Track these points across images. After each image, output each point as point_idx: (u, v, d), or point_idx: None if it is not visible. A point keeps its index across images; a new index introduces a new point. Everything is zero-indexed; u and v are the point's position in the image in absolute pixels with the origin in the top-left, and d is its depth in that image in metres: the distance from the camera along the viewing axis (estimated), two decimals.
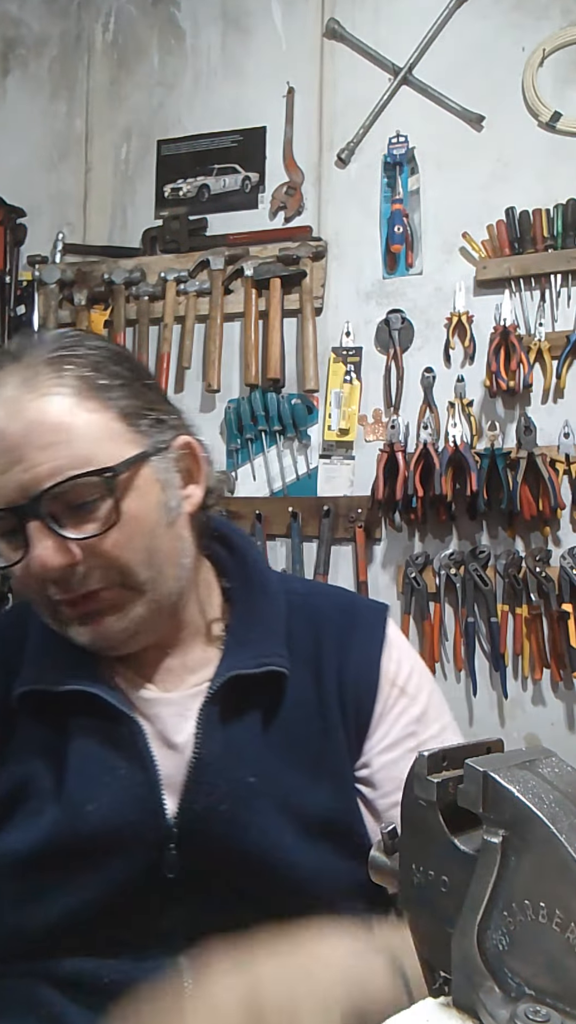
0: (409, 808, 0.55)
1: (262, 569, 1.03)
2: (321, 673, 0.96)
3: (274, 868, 0.89)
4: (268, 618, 0.97)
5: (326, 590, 1.21)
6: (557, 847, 0.46)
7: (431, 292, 2.53)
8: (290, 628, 0.97)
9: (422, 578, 2.44)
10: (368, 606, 1.07)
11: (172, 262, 2.76)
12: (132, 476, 0.87)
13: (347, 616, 1.02)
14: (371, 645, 1.00)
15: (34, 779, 0.90)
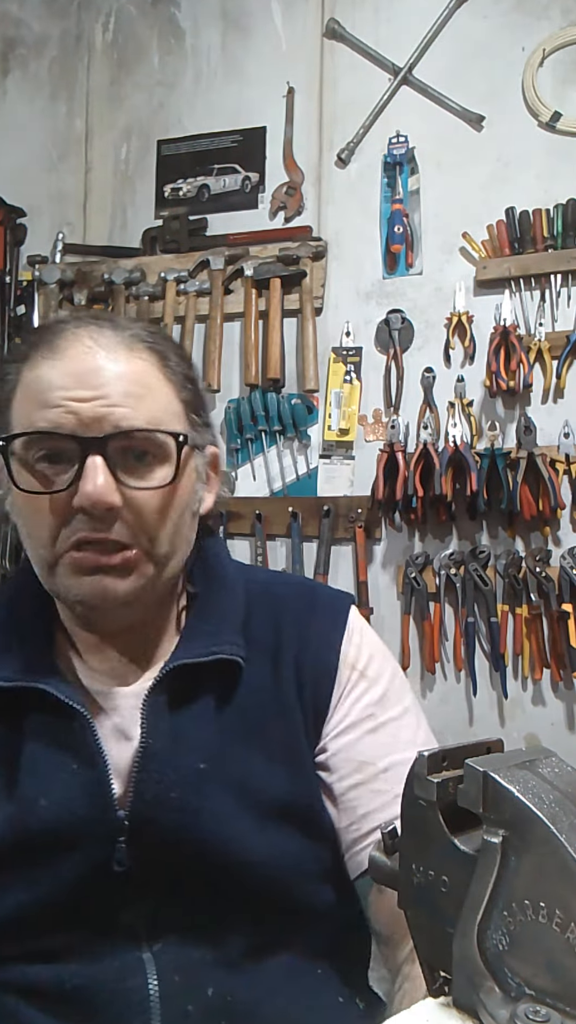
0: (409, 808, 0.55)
1: (223, 561, 1.04)
2: (279, 659, 0.97)
3: (229, 853, 0.89)
4: (224, 609, 0.98)
5: (287, 579, 1.22)
6: (557, 847, 0.46)
7: (431, 292, 2.53)
8: (248, 617, 0.98)
9: (422, 578, 2.44)
10: (330, 594, 1.07)
11: (172, 262, 2.76)
12: (187, 455, 0.91)
13: (307, 603, 1.02)
14: (331, 630, 1.00)
15: None
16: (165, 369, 0.91)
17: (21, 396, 0.89)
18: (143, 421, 0.87)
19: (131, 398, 0.87)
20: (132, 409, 0.86)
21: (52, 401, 0.86)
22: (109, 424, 0.85)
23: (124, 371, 0.88)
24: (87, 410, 0.85)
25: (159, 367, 0.91)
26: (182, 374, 0.93)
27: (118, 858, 0.88)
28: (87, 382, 0.86)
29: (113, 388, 0.86)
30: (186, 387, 0.93)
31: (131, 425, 0.86)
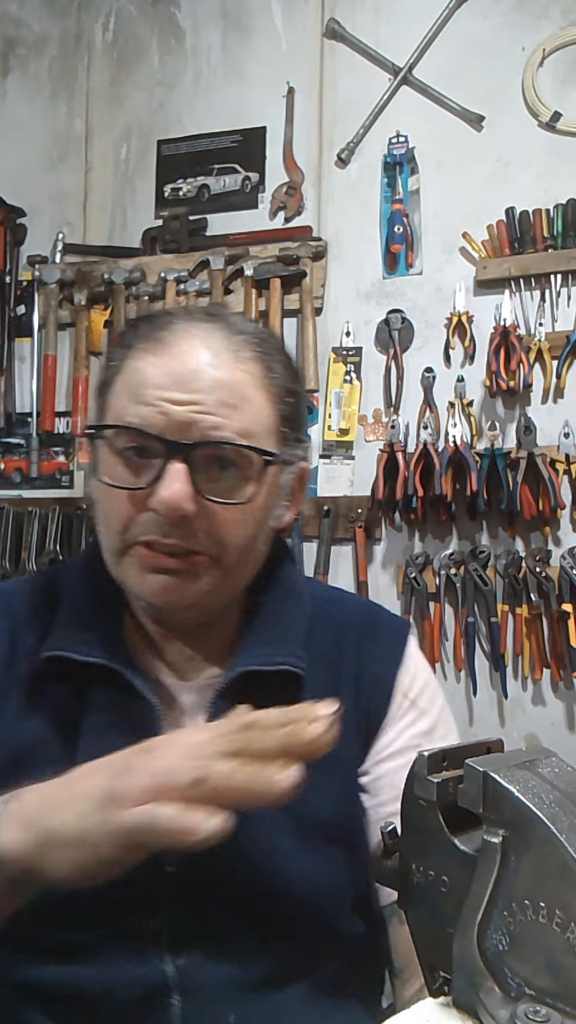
0: (409, 808, 0.55)
1: (290, 570, 1.03)
2: (339, 678, 0.96)
3: (271, 870, 0.88)
4: (290, 618, 0.97)
5: (348, 598, 1.21)
6: (557, 847, 0.46)
7: (431, 292, 2.53)
8: (311, 631, 0.97)
9: (422, 578, 2.44)
10: (390, 619, 1.08)
11: (172, 262, 2.76)
12: (273, 472, 0.90)
13: (368, 625, 1.02)
14: (390, 657, 1.00)
15: (42, 746, 0.89)
16: (267, 380, 0.90)
17: (120, 385, 0.89)
18: (234, 433, 0.85)
19: (226, 408, 0.85)
20: (225, 419, 0.85)
21: (146, 397, 0.85)
22: (198, 431, 0.84)
23: (224, 379, 0.86)
24: (179, 413, 0.84)
25: (261, 378, 0.89)
26: (284, 386, 0.92)
27: (168, 858, 0.86)
28: (184, 384, 0.85)
29: (210, 395, 0.85)
30: (285, 400, 0.92)
31: (220, 436, 0.85)
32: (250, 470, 0.87)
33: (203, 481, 0.85)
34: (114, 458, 0.87)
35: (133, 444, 0.86)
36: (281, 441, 0.91)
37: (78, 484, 2.83)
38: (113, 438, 0.87)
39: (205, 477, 0.85)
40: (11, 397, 2.89)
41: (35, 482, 2.85)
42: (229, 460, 0.86)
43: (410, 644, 1.02)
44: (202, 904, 0.87)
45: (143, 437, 0.85)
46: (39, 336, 2.87)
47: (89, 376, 2.79)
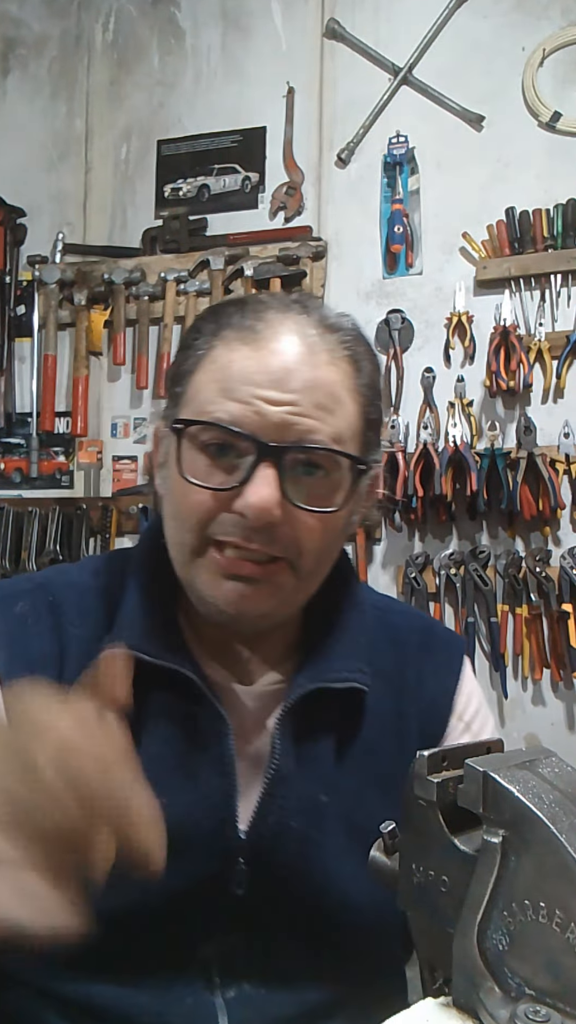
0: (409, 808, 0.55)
1: (352, 578, 0.98)
2: (401, 693, 0.93)
3: (336, 894, 0.84)
4: (353, 630, 0.93)
5: (405, 609, 1.14)
6: (557, 847, 0.46)
7: (431, 292, 2.53)
8: (372, 642, 0.93)
9: (422, 578, 2.44)
10: (447, 635, 1.04)
11: (172, 262, 2.76)
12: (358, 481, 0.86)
13: (425, 639, 0.99)
14: (448, 676, 0.97)
15: None
16: (356, 380, 0.85)
17: (207, 375, 0.83)
18: (327, 437, 0.81)
19: (321, 411, 0.81)
20: (320, 423, 0.80)
21: (240, 394, 0.80)
22: (293, 434, 0.80)
23: (320, 379, 0.81)
24: (274, 414, 0.79)
25: (352, 378, 0.85)
26: (371, 386, 0.87)
27: (238, 880, 0.83)
28: (282, 383, 0.80)
29: (306, 396, 0.80)
30: (373, 403, 0.87)
31: (315, 441, 0.80)
32: (339, 476, 0.83)
33: (290, 485, 0.80)
34: (196, 453, 0.82)
35: (219, 441, 0.81)
36: (364, 446, 0.86)
37: (78, 484, 2.83)
38: (198, 432, 0.82)
39: (292, 482, 0.80)
40: (11, 397, 2.89)
41: (35, 482, 2.85)
42: (318, 465, 0.81)
43: (466, 663, 1.00)
44: (261, 928, 0.84)
45: (234, 436, 0.80)
46: (39, 336, 2.87)
47: (89, 376, 2.79)
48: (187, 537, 0.83)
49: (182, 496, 0.83)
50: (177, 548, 0.85)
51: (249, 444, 0.79)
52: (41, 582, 0.92)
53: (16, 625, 0.86)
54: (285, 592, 0.84)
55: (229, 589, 0.82)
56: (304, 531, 0.81)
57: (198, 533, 0.82)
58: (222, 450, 0.81)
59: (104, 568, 0.94)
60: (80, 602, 0.90)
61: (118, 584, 0.91)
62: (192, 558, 0.83)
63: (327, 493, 0.82)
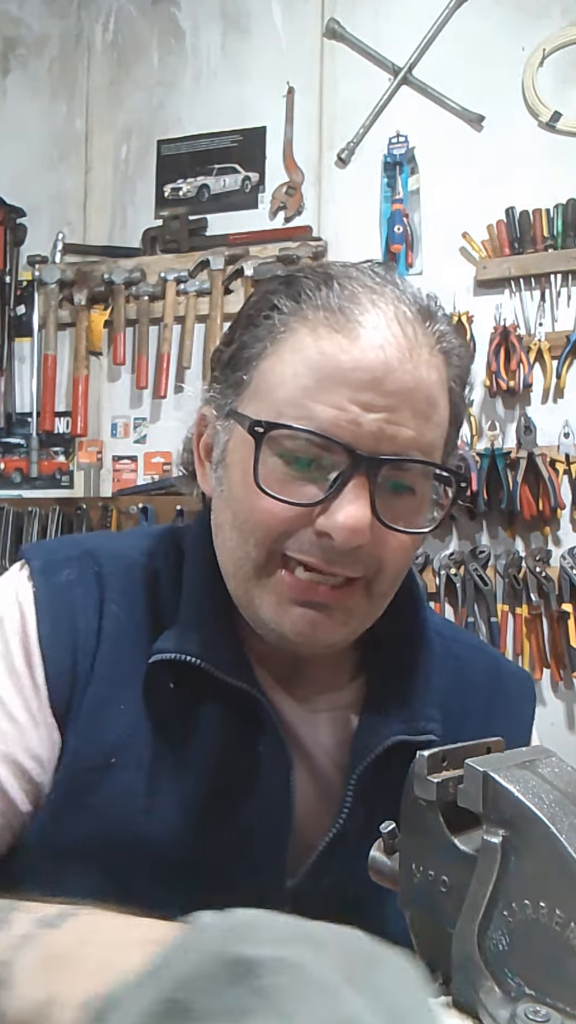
0: (409, 808, 0.55)
1: (419, 602, 0.86)
2: (463, 737, 0.85)
3: (372, 906, 0.74)
4: (422, 665, 0.82)
5: (469, 640, 1.01)
6: (557, 847, 0.46)
7: (431, 292, 2.52)
8: (439, 681, 0.83)
9: (422, 578, 2.44)
10: (515, 675, 0.93)
11: (172, 262, 2.76)
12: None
13: (495, 682, 0.89)
14: (521, 723, 0.88)
15: (132, 752, 0.75)
16: (449, 380, 0.74)
17: (289, 366, 0.70)
18: (422, 449, 0.70)
19: (420, 419, 0.70)
20: (417, 433, 0.70)
21: (334, 396, 0.68)
22: (389, 445, 0.69)
23: (421, 381, 0.70)
24: (372, 424, 0.68)
25: (447, 378, 0.74)
26: (460, 380, 0.76)
27: (288, 869, 0.76)
28: (383, 386, 0.68)
29: (406, 402, 0.69)
30: (461, 399, 0.76)
31: (409, 453, 0.70)
32: (427, 492, 0.73)
33: (380, 503, 0.69)
34: (275, 459, 0.70)
35: (303, 453, 0.70)
36: (448, 451, 0.76)
37: (78, 484, 2.83)
38: (281, 437, 0.69)
39: (380, 497, 0.70)
40: (11, 397, 2.89)
41: (35, 482, 2.85)
42: (410, 484, 0.71)
43: (535, 706, 0.91)
44: None
45: (326, 445, 0.68)
46: (39, 336, 2.87)
47: (89, 376, 2.79)
48: (252, 552, 0.72)
49: (251, 506, 0.71)
50: (236, 562, 0.74)
51: (341, 454, 0.68)
52: (89, 549, 0.82)
53: (62, 594, 0.77)
54: (357, 617, 0.74)
55: (298, 616, 0.72)
56: (388, 552, 0.72)
57: (267, 549, 0.71)
58: (303, 460, 0.70)
59: (157, 550, 0.83)
60: (126, 579, 0.80)
61: (171, 574, 0.81)
62: (256, 576, 0.72)
63: (416, 511, 0.73)
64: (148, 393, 2.77)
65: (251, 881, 0.74)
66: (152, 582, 0.80)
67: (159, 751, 0.75)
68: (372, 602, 0.74)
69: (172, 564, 0.82)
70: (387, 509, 0.70)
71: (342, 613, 0.72)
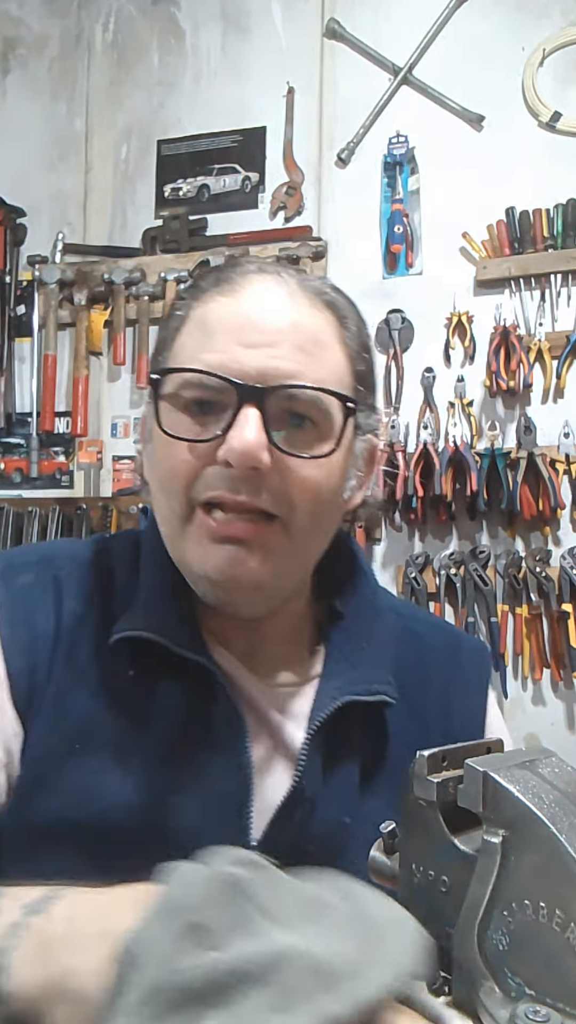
0: (409, 808, 0.55)
1: (371, 580, 0.92)
2: (425, 710, 0.88)
3: None
4: (377, 637, 0.88)
5: (426, 616, 1.07)
6: (557, 847, 0.46)
7: (431, 292, 2.53)
8: (395, 652, 0.88)
9: (422, 578, 2.44)
10: (472, 646, 0.98)
11: (172, 262, 2.76)
12: (347, 430, 0.79)
13: (452, 653, 0.93)
14: (478, 691, 0.92)
15: (95, 734, 0.78)
16: (343, 332, 0.80)
17: (186, 333, 0.79)
18: (311, 381, 0.75)
19: (303, 354, 0.76)
20: (302, 366, 0.75)
21: (217, 342, 0.76)
22: (274, 377, 0.74)
23: (301, 322, 0.77)
24: (253, 358, 0.74)
25: (337, 328, 0.80)
26: (360, 342, 0.82)
27: (254, 829, 0.78)
28: (260, 326, 0.75)
29: (286, 338, 0.76)
30: (361, 357, 0.82)
31: (301, 381, 0.75)
32: (328, 424, 0.77)
33: (277, 434, 0.75)
34: (178, 414, 0.77)
35: (198, 396, 0.76)
36: (358, 403, 0.80)
37: (78, 484, 2.83)
38: (179, 390, 0.77)
39: (278, 430, 0.75)
40: (11, 397, 2.89)
41: (35, 482, 2.85)
42: (304, 414, 0.76)
43: (491, 677, 0.95)
44: None
45: (213, 383, 0.75)
46: (39, 336, 2.87)
47: (89, 376, 2.79)
48: (174, 504, 0.77)
49: (165, 460, 0.78)
50: (166, 522, 0.80)
51: (229, 390, 0.74)
52: (47, 555, 0.87)
53: (20, 599, 0.82)
54: (279, 556, 0.77)
55: (219, 554, 0.76)
56: (295, 483, 0.76)
57: (184, 495, 0.77)
58: (205, 407, 0.76)
59: (112, 547, 0.89)
60: (82, 577, 0.85)
61: (127, 566, 0.86)
62: (181, 526, 0.78)
63: (316, 442, 0.77)
64: (148, 393, 2.77)
65: (216, 844, 0.76)
66: (108, 576, 0.86)
67: (120, 731, 0.79)
68: (293, 542, 0.77)
69: (130, 558, 0.87)
70: (285, 439, 0.75)
71: (261, 550, 0.76)
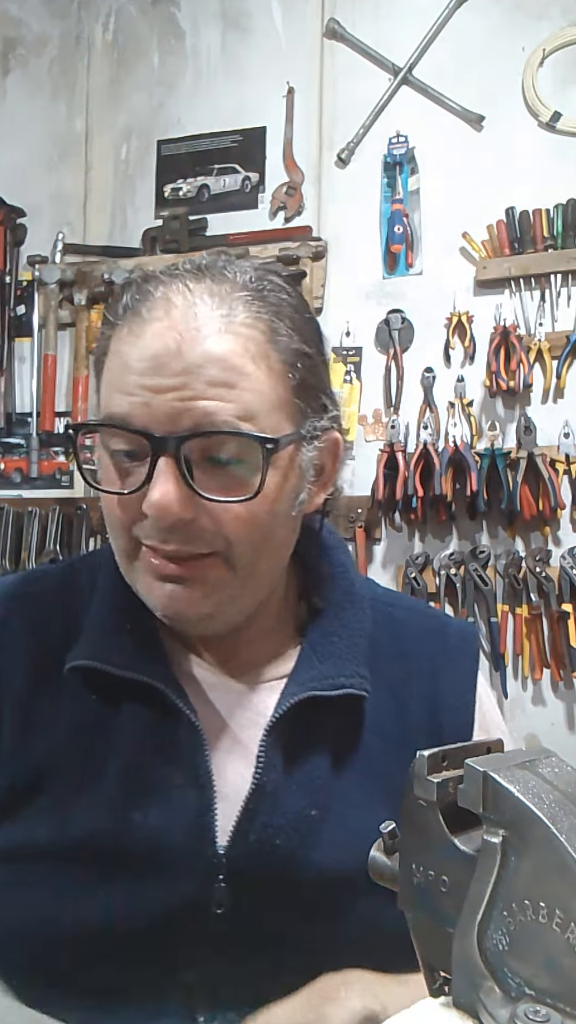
0: (409, 808, 0.55)
1: (349, 571, 0.91)
2: (407, 700, 0.87)
3: (331, 914, 0.78)
4: (351, 629, 0.86)
5: (411, 603, 1.05)
6: (557, 847, 0.46)
7: (431, 292, 2.53)
8: (374, 642, 0.86)
9: (422, 578, 2.44)
10: (459, 629, 0.96)
11: (172, 262, 2.75)
12: (282, 454, 0.76)
13: (438, 639, 0.92)
14: (465, 677, 0.90)
15: (61, 766, 0.79)
16: (270, 345, 0.75)
17: (107, 367, 0.77)
18: (232, 416, 0.72)
19: (219, 388, 0.72)
20: (219, 402, 0.72)
21: (127, 387, 0.73)
22: (187, 421, 0.72)
23: (214, 353, 0.72)
24: (162, 403, 0.72)
25: (263, 343, 0.75)
26: (293, 349, 0.77)
27: (217, 899, 0.77)
28: (167, 367, 0.72)
29: (197, 376, 0.72)
30: (296, 366, 0.77)
31: (215, 424, 0.72)
32: (253, 458, 0.74)
33: (200, 476, 0.73)
34: (108, 460, 0.77)
35: (121, 447, 0.75)
36: (296, 414, 0.77)
37: (78, 484, 2.83)
38: (105, 438, 0.76)
39: (202, 471, 0.73)
40: (11, 397, 2.89)
41: (35, 482, 2.85)
42: (223, 456, 0.74)
43: (480, 663, 0.93)
44: (245, 952, 0.77)
45: (127, 434, 0.74)
46: (39, 336, 2.87)
47: (89, 376, 2.78)
48: (120, 542, 0.78)
49: (105, 503, 0.78)
50: (117, 554, 0.80)
51: (143, 440, 0.73)
52: (11, 592, 0.88)
53: None
54: (223, 589, 0.77)
55: (162, 592, 0.76)
56: (227, 523, 0.74)
57: (127, 535, 0.77)
58: (128, 455, 0.75)
59: (72, 576, 0.89)
60: (39, 612, 0.85)
61: (86, 592, 0.86)
62: (128, 562, 0.78)
63: (243, 479, 0.74)
64: None
65: (186, 856, 0.78)
66: (66, 605, 0.86)
67: (85, 759, 0.80)
68: (237, 572, 0.76)
69: (88, 582, 0.87)
70: (209, 480, 0.73)
71: (202, 585, 0.76)
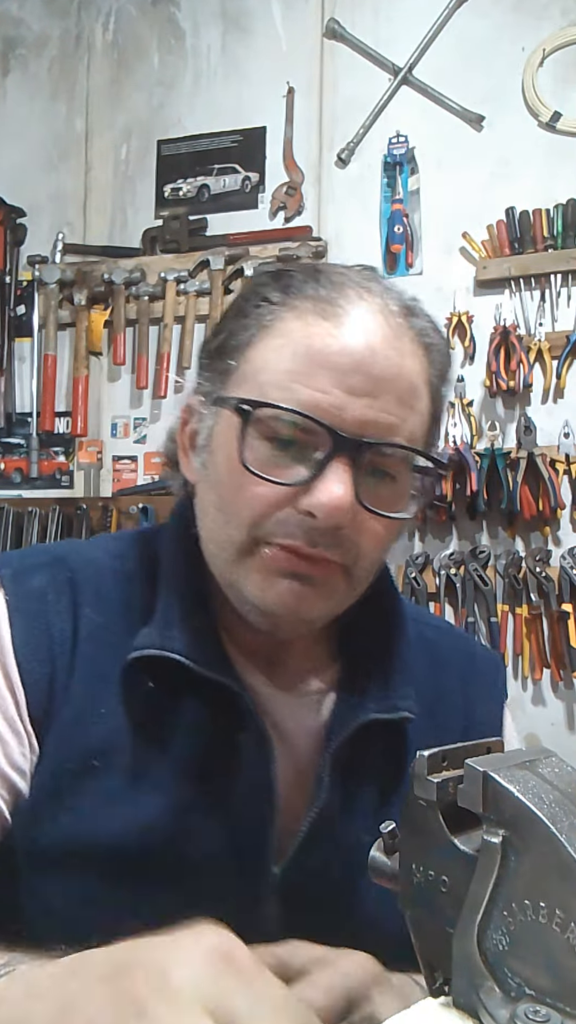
0: (409, 808, 0.55)
1: (393, 591, 0.88)
2: (444, 723, 0.84)
3: (369, 942, 0.74)
4: (400, 650, 0.84)
5: (439, 624, 1.03)
6: (557, 847, 0.46)
7: (431, 292, 2.52)
8: (413, 661, 0.85)
9: (422, 578, 2.44)
10: (486, 655, 0.97)
11: (172, 262, 2.76)
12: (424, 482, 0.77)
13: (468, 663, 0.91)
14: (495, 702, 0.91)
15: (114, 755, 0.75)
16: (429, 373, 0.76)
17: (275, 351, 0.72)
18: (404, 438, 0.72)
19: (402, 407, 0.72)
20: (399, 421, 0.71)
21: (319, 380, 0.70)
22: (373, 430, 0.70)
23: (403, 370, 0.72)
24: (356, 408, 0.70)
25: (427, 370, 0.75)
26: (441, 378, 0.77)
27: (267, 919, 0.74)
28: (367, 371, 0.70)
29: (389, 389, 0.71)
30: (442, 396, 0.78)
31: (400, 439, 0.71)
32: (405, 480, 0.74)
33: (361, 487, 0.71)
34: (258, 440, 0.71)
35: (287, 434, 0.71)
36: (429, 444, 0.77)
37: (78, 484, 2.83)
38: (267, 418, 0.71)
39: (363, 484, 0.71)
40: (11, 397, 2.89)
41: (35, 482, 2.85)
42: (388, 470, 0.73)
43: (507, 688, 0.93)
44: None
45: (310, 427, 0.70)
46: (39, 336, 2.87)
47: (89, 376, 2.79)
48: (235, 534, 0.73)
49: (236, 487, 0.73)
50: (220, 544, 0.75)
51: (325, 437, 0.70)
52: (59, 555, 0.82)
53: (35, 600, 0.77)
54: (338, 597, 0.76)
55: (284, 588, 0.72)
56: (368, 537, 0.73)
57: (250, 531, 0.72)
58: (286, 442, 0.71)
59: (128, 553, 0.84)
60: (99, 583, 0.80)
61: (144, 573, 0.81)
62: (239, 557, 0.74)
63: (396, 498, 0.74)
64: (148, 393, 2.77)
65: (238, 871, 0.75)
66: (125, 583, 0.81)
67: (140, 752, 0.75)
68: (350, 587, 0.76)
69: (145, 564, 0.82)
70: (368, 494, 0.71)
71: (325, 588, 0.74)
